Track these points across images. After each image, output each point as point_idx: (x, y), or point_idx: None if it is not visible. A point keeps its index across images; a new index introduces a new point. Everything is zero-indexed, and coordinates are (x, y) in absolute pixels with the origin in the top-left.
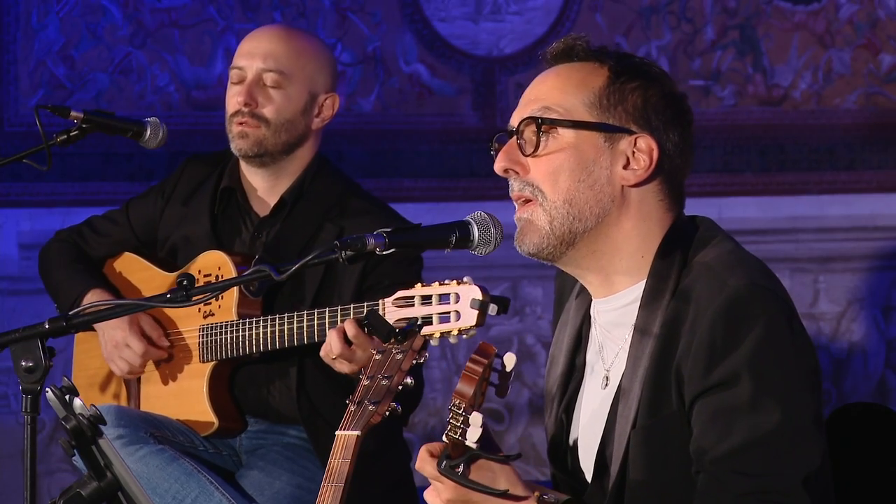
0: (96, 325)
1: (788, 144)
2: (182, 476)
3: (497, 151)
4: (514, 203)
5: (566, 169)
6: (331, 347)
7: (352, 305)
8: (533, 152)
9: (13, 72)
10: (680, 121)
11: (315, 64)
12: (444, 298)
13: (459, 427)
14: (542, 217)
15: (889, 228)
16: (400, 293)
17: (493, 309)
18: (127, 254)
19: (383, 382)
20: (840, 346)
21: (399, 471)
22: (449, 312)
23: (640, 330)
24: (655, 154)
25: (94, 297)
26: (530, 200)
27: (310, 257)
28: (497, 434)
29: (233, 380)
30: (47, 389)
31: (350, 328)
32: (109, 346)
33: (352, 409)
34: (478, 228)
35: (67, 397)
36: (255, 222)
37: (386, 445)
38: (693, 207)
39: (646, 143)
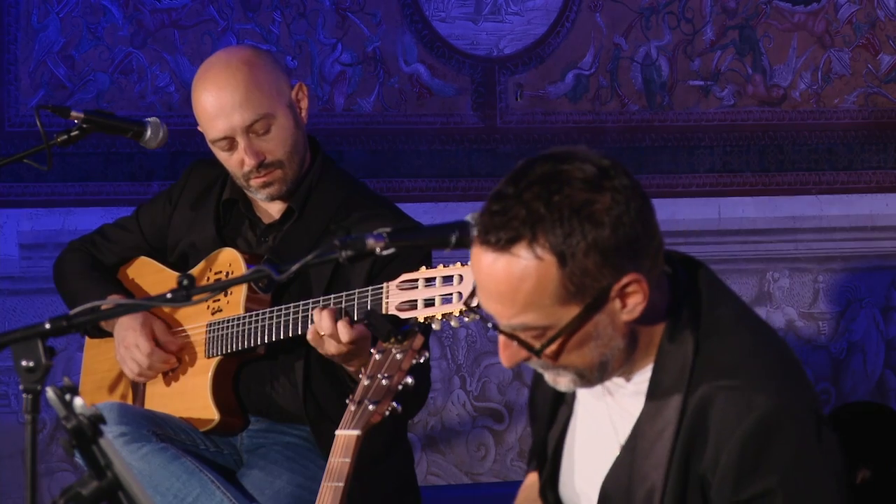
0: (112, 327)
1: (788, 144)
2: (184, 475)
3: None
4: None
5: (575, 352)
6: (321, 324)
7: (356, 291)
8: (534, 356)
9: (13, 72)
10: (636, 229)
11: (271, 79)
12: (447, 280)
13: None
14: (570, 375)
15: (888, 228)
16: (404, 276)
17: None
18: (141, 258)
19: (383, 382)
20: (839, 345)
21: (403, 472)
22: (451, 294)
23: (651, 416)
24: (644, 284)
25: None
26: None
27: (309, 257)
28: (497, 433)
29: (237, 378)
30: (47, 389)
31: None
32: (122, 347)
33: (352, 408)
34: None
35: (67, 397)
36: (261, 228)
37: (390, 447)
38: (693, 207)
39: (629, 283)
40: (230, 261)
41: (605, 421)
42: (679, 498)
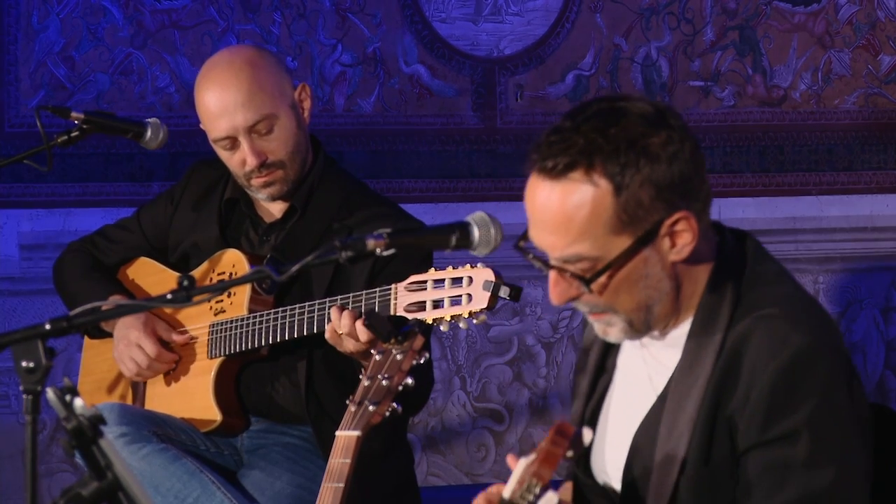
0: (112, 327)
1: (788, 145)
2: (184, 475)
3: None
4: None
5: (624, 289)
6: (339, 323)
7: (364, 292)
8: (585, 291)
9: (14, 73)
10: (689, 168)
11: (275, 79)
12: (456, 282)
13: None
14: (619, 322)
15: (888, 229)
16: (413, 277)
17: (504, 291)
18: (142, 258)
19: (383, 383)
20: None
21: (403, 472)
22: (460, 295)
23: (688, 364)
24: (693, 222)
25: None
26: (604, 312)
27: (310, 258)
28: (497, 434)
29: (239, 379)
30: (47, 390)
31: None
32: (122, 345)
33: (352, 409)
34: (478, 229)
35: (67, 397)
36: (263, 227)
37: (390, 447)
38: None
39: (680, 221)
40: (234, 262)
41: (643, 378)
42: (706, 445)
